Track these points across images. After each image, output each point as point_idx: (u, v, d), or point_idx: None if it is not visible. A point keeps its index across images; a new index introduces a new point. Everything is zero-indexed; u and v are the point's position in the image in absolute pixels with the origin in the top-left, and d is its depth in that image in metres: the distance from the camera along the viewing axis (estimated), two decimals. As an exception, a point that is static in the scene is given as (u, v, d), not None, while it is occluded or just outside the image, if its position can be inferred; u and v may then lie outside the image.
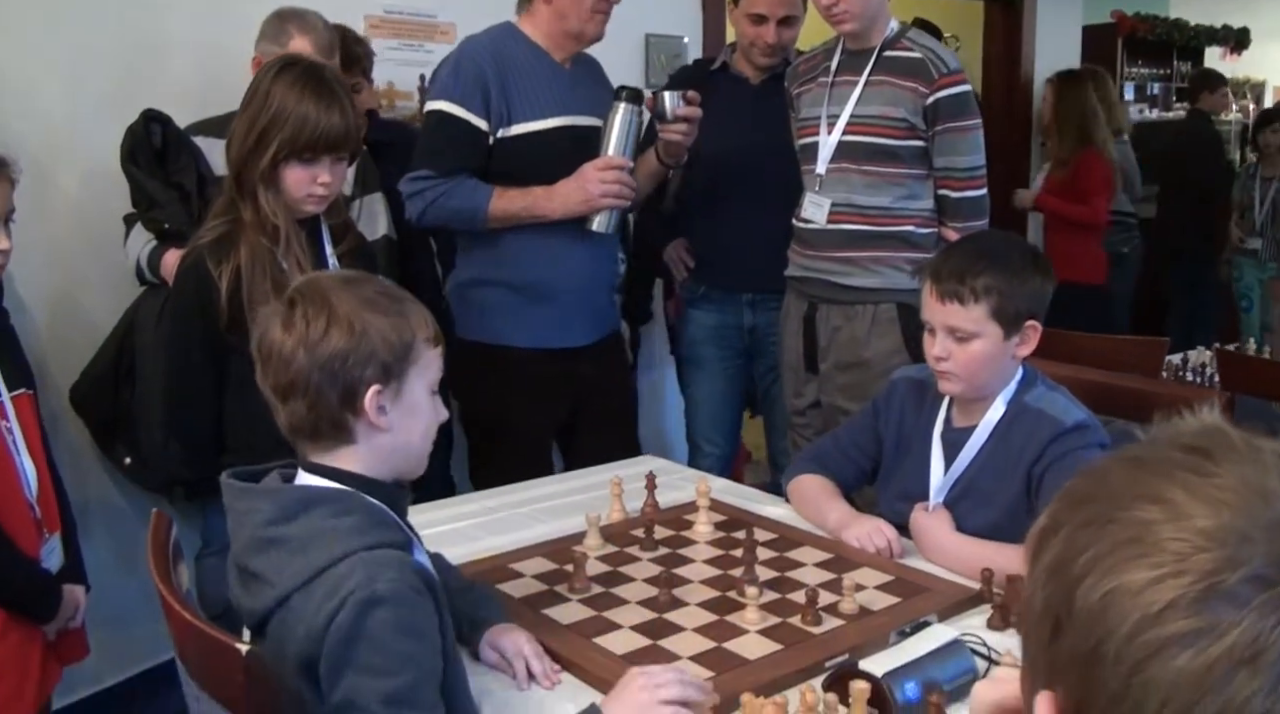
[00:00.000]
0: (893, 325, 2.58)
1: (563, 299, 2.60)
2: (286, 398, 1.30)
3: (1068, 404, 1.80)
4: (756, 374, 3.12)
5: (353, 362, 1.28)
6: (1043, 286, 1.81)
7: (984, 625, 1.57)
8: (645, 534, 1.85)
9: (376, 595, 1.18)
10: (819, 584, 1.67)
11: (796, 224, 2.67)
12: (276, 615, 1.24)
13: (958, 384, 1.82)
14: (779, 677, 1.43)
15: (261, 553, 1.26)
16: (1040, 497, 1.75)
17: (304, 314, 1.29)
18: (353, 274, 1.37)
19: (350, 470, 1.32)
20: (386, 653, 1.17)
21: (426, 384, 1.36)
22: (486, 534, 1.95)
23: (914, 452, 1.96)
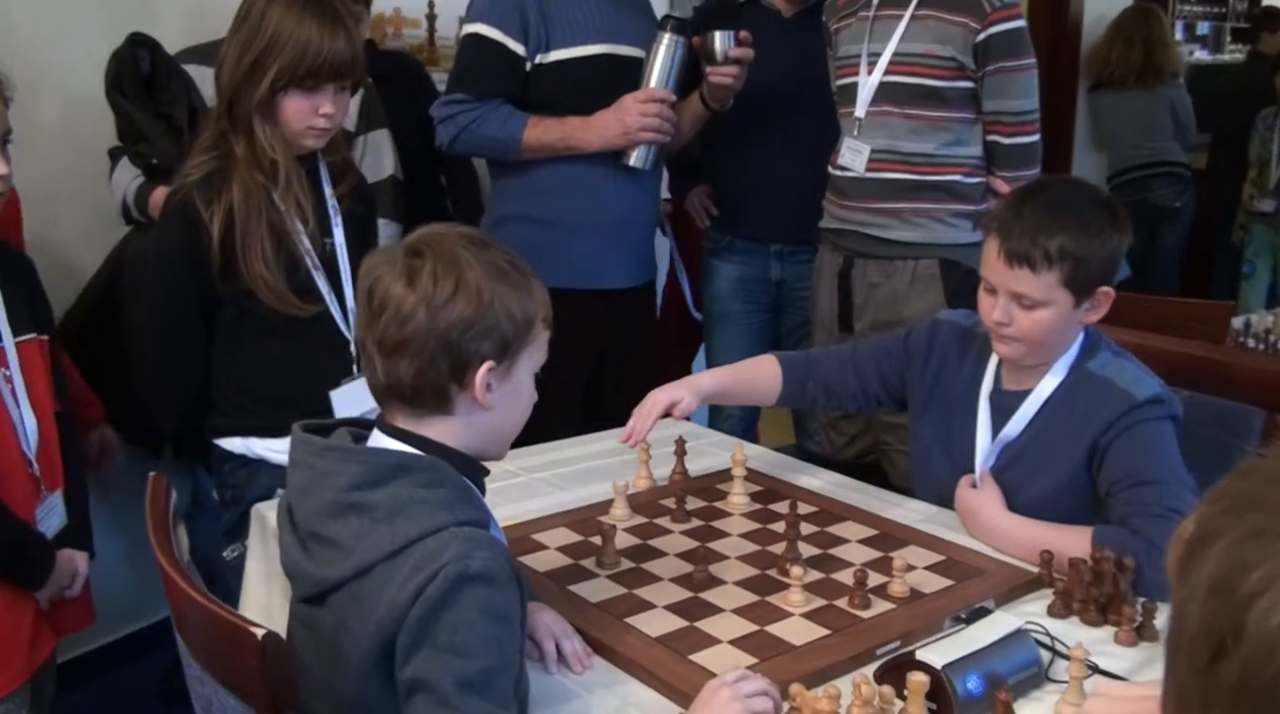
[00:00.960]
0: (934, 283, 2.53)
1: (598, 236, 2.59)
2: (392, 355, 1.26)
3: (1139, 373, 1.75)
4: (783, 330, 3.08)
5: (474, 333, 1.25)
6: (1119, 245, 1.74)
7: (1044, 613, 1.55)
8: (676, 505, 1.82)
9: (471, 571, 1.16)
10: (865, 563, 1.64)
11: (832, 172, 2.61)
12: (350, 586, 1.21)
13: (1017, 349, 1.77)
14: (827, 665, 1.40)
15: (340, 518, 1.23)
16: (1103, 468, 1.70)
17: (432, 271, 1.25)
18: (478, 234, 1.33)
19: (439, 441, 1.29)
20: (470, 633, 1.15)
21: (533, 366, 1.34)
22: (504, 500, 1.91)
23: (955, 411, 1.90)
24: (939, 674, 1.30)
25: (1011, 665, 1.36)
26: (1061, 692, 1.33)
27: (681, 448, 2.00)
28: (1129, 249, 1.79)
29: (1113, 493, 1.66)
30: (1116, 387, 1.73)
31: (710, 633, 1.47)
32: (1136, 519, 1.59)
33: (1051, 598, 1.56)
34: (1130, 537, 1.57)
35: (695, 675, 1.36)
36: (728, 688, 1.24)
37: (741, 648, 1.43)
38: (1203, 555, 0.60)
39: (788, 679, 1.32)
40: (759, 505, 1.88)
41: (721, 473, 2.01)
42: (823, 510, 1.85)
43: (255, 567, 1.90)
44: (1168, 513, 1.58)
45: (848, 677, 1.37)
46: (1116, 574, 1.50)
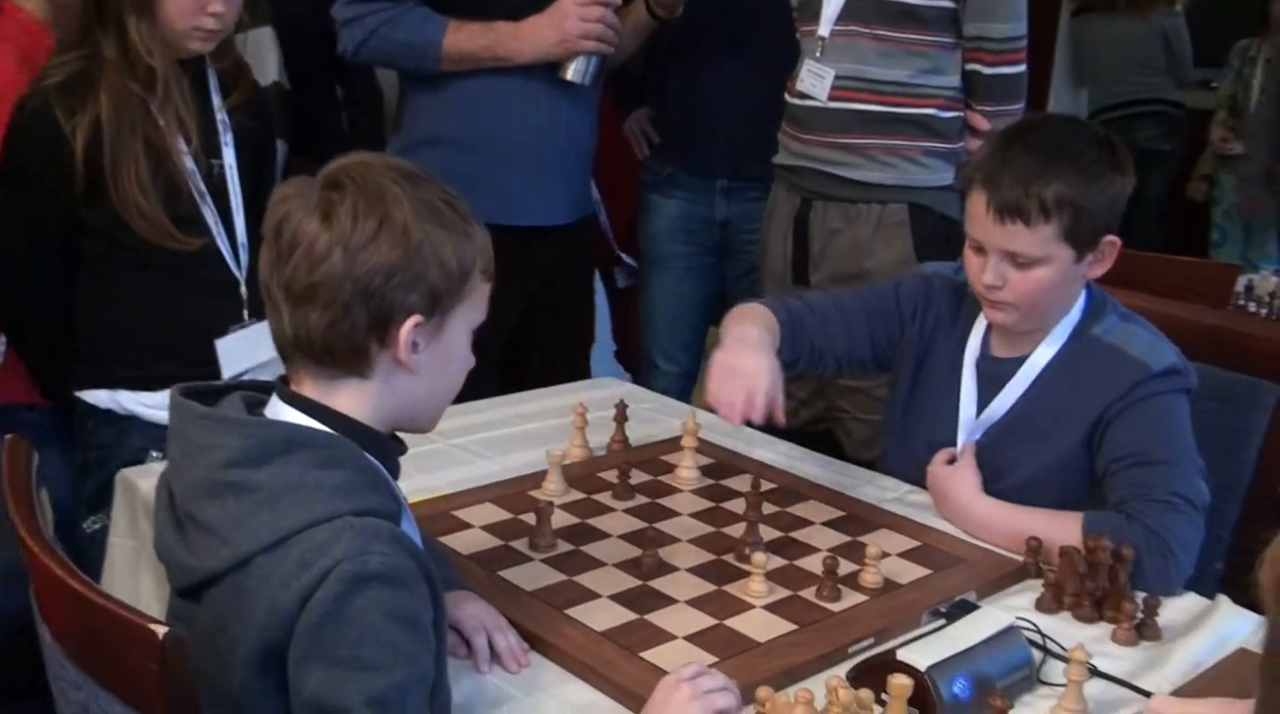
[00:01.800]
0: (902, 230, 2.54)
1: (527, 165, 2.55)
2: (300, 303, 1.21)
3: (1153, 340, 1.77)
4: (728, 278, 3.07)
5: (398, 281, 1.21)
6: (1122, 189, 1.75)
7: (1032, 607, 1.57)
8: (619, 479, 1.81)
9: (368, 571, 1.12)
10: (833, 549, 1.65)
11: (790, 100, 2.59)
12: (228, 580, 1.17)
13: (1012, 314, 1.78)
14: (795, 665, 1.41)
15: (216, 499, 1.19)
16: (1105, 442, 1.72)
17: (352, 207, 1.20)
18: (410, 167, 1.28)
19: (346, 413, 1.25)
20: (376, 643, 1.12)
21: (468, 325, 1.31)
22: (418, 470, 1.88)
23: (938, 379, 1.91)
24: (922, 677, 1.32)
25: (1001, 667, 1.38)
26: (1056, 696, 1.35)
27: (622, 413, 1.99)
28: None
29: (1112, 471, 1.69)
30: (1129, 356, 1.75)
31: (662, 627, 1.46)
32: (1136, 503, 1.62)
33: (1040, 590, 1.59)
34: (1126, 523, 1.60)
35: (647, 675, 1.36)
36: (686, 685, 1.24)
37: (699, 644, 1.43)
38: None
39: (752, 680, 1.32)
40: (710, 480, 1.88)
41: (666, 442, 2.00)
42: (782, 488, 1.86)
43: (121, 542, 1.85)
44: (1172, 499, 1.61)
45: (817, 677, 1.39)
46: (1114, 565, 1.53)
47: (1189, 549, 1.60)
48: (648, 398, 2.30)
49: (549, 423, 2.10)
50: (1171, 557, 1.58)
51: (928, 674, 1.32)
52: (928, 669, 1.32)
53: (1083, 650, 1.32)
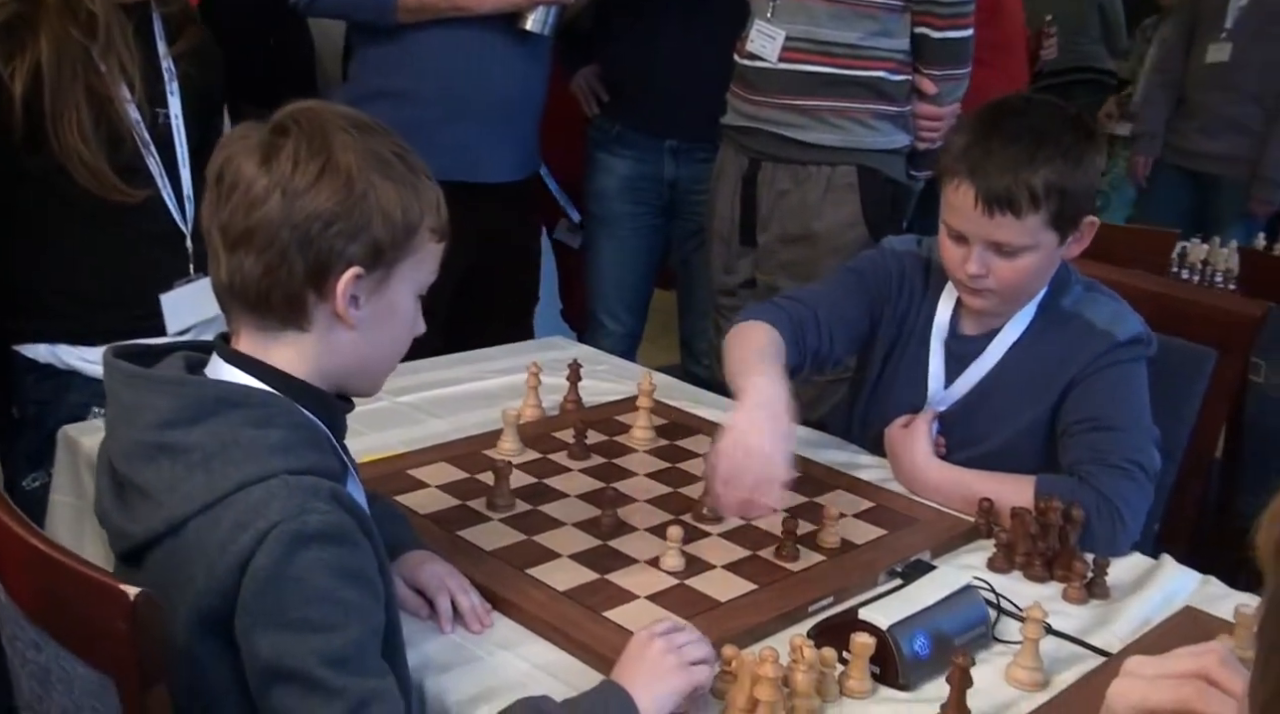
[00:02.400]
0: (850, 193, 2.55)
1: (479, 119, 2.53)
2: (235, 247, 1.19)
3: (1118, 308, 1.79)
4: (675, 238, 3.07)
5: (338, 230, 1.18)
6: (1099, 166, 1.78)
7: (984, 566, 1.60)
8: (575, 439, 1.81)
9: (308, 530, 1.10)
10: (790, 509, 1.67)
11: (740, 61, 2.59)
12: (164, 546, 1.15)
13: (992, 300, 1.78)
14: (757, 623, 1.42)
15: (151, 462, 1.17)
16: (1065, 406, 1.75)
17: (295, 151, 1.17)
18: (363, 118, 1.25)
19: (285, 370, 1.23)
20: (324, 603, 1.11)
21: (415, 285, 1.28)
22: (370, 429, 1.87)
23: (907, 353, 1.91)
24: (884, 635, 1.34)
25: (959, 625, 1.40)
26: (1011, 653, 1.38)
27: (576, 373, 1.99)
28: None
29: (1070, 433, 1.72)
30: (1094, 326, 1.77)
31: (625, 587, 1.47)
32: (1090, 466, 1.65)
33: (992, 551, 1.62)
34: (1079, 485, 1.64)
35: (611, 635, 1.36)
36: (660, 639, 1.25)
37: (661, 604, 1.44)
38: None
39: (717, 639, 1.33)
40: (665, 441, 1.89)
41: (620, 402, 2.00)
42: (737, 448, 1.86)
43: (62, 500, 1.82)
44: (1125, 465, 1.64)
45: (779, 636, 1.40)
46: (1064, 526, 1.57)
47: (1137, 516, 1.64)
48: (601, 358, 2.30)
49: (500, 381, 2.09)
50: (1120, 522, 1.62)
51: (889, 633, 1.34)
52: (889, 628, 1.34)
53: (1040, 609, 1.35)
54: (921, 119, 2.60)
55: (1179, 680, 0.80)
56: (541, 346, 2.33)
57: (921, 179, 2.70)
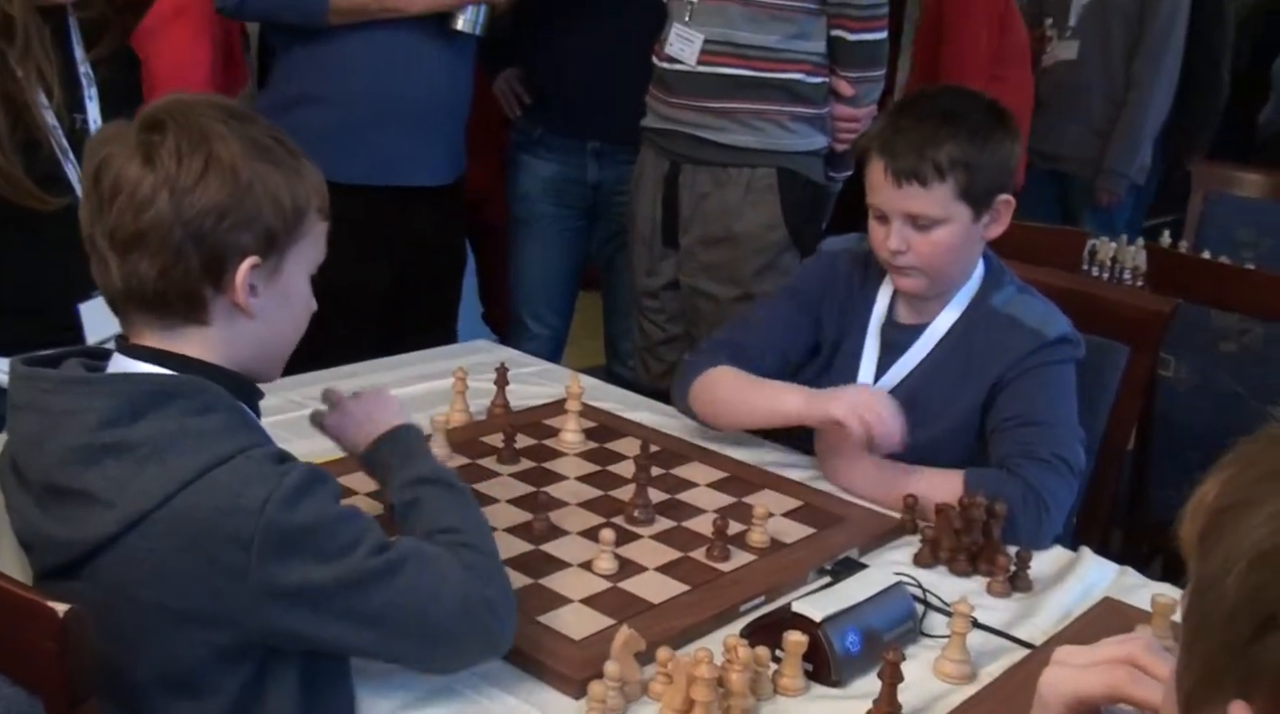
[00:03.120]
0: (770, 194, 2.58)
1: (405, 122, 2.51)
2: (128, 251, 1.18)
3: (1048, 310, 1.84)
4: (597, 240, 3.08)
5: (231, 222, 1.18)
6: (1011, 150, 1.83)
7: (909, 561, 1.63)
8: (504, 443, 1.81)
9: (295, 485, 1.15)
10: (719, 510, 1.68)
11: (659, 64, 2.60)
12: (118, 545, 1.14)
13: (920, 280, 1.82)
14: (690, 624, 1.44)
15: (94, 464, 1.15)
16: (995, 405, 1.79)
17: (175, 147, 1.16)
18: (234, 105, 1.25)
19: (199, 358, 1.22)
20: (345, 522, 1.19)
21: (307, 265, 1.29)
22: (295, 436, 1.81)
23: (845, 343, 1.95)
24: (816, 631, 1.36)
25: (887, 621, 1.43)
26: (939, 647, 1.41)
27: (503, 377, 1.98)
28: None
29: (999, 429, 1.76)
30: (1024, 324, 1.82)
31: (559, 591, 1.48)
32: (1018, 459, 1.69)
33: (918, 546, 1.64)
34: (1007, 478, 1.67)
35: (547, 640, 1.37)
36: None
37: (595, 607, 1.45)
38: (1238, 525, 0.64)
39: (651, 641, 1.34)
40: (594, 444, 1.89)
41: (548, 406, 2.00)
42: (665, 450, 1.87)
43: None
44: (1052, 459, 1.69)
45: (712, 636, 1.42)
46: (988, 521, 1.60)
47: (1061, 509, 1.68)
48: (527, 361, 2.30)
49: (426, 386, 2.08)
50: (1045, 513, 1.66)
51: (822, 630, 1.36)
52: (821, 622, 1.36)
53: (966, 604, 1.38)
54: (839, 121, 2.63)
55: (1109, 666, 0.83)
56: (466, 350, 2.32)
57: (840, 180, 2.74)
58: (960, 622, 1.37)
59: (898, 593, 1.46)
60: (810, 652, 1.35)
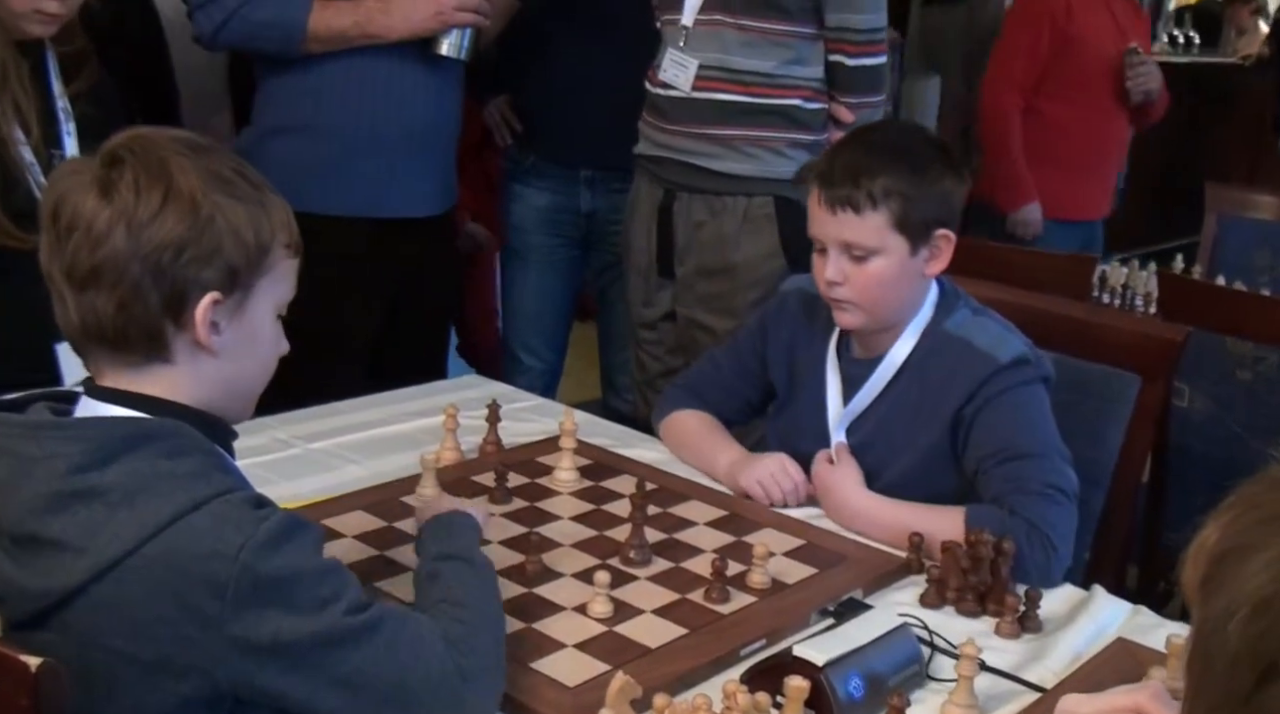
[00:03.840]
0: (769, 223, 2.59)
1: (393, 151, 2.53)
2: (84, 288, 1.19)
3: (1001, 331, 1.85)
4: (592, 270, 3.09)
5: (190, 257, 1.19)
6: (954, 189, 1.86)
7: (916, 602, 1.63)
8: (496, 482, 1.81)
9: (272, 533, 1.15)
10: (718, 549, 1.68)
11: (652, 90, 2.62)
12: (89, 594, 1.14)
13: (858, 315, 1.85)
14: (688, 669, 1.43)
15: (64, 511, 1.15)
16: (970, 442, 1.81)
17: (134, 181, 1.18)
18: (196, 138, 1.25)
19: (167, 398, 1.23)
20: (322, 576, 1.18)
21: (274, 303, 1.29)
22: (280, 477, 1.86)
23: (808, 383, 1.99)
24: (818, 676, 1.36)
25: (892, 664, 1.43)
26: (946, 691, 1.41)
27: (495, 414, 1.99)
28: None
29: (984, 469, 1.77)
30: (976, 348, 1.83)
31: (552, 636, 1.47)
32: (1014, 496, 1.70)
33: (924, 586, 1.64)
34: (1008, 517, 1.68)
35: (540, 686, 1.37)
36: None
37: (590, 652, 1.45)
38: (1239, 571, 0.65)
39: (648, 687, 1.34)
40: (590, 482, 1.90)
41: (541, 443, 2.01)
42: (663, 488, 1.88)
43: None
44: (1046, 490, 1.69)
45: (711, 681, 1.42)
46: (996, 559, 1.60)
47: (1067, 540, 1.69)
48: (519, 397, 2.30)
49: (417, 424, 2.09)
50: (1052, 549, 1.66)
51: (824, 675, 1.36)
52: (824, 667, 1.36)
53: (974, 645, 1.38)
54: (839, 148, 2.64)
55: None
56: (457, 386, 2.33)
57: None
58: (968, 664, 1.37)
59: (903, 635, 1.46)
60: (813, 697, 1.34)
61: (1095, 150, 3.82)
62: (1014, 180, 3.71)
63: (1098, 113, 3.74)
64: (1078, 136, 3.74)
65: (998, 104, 3.73)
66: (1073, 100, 3.70)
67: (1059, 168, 3.71)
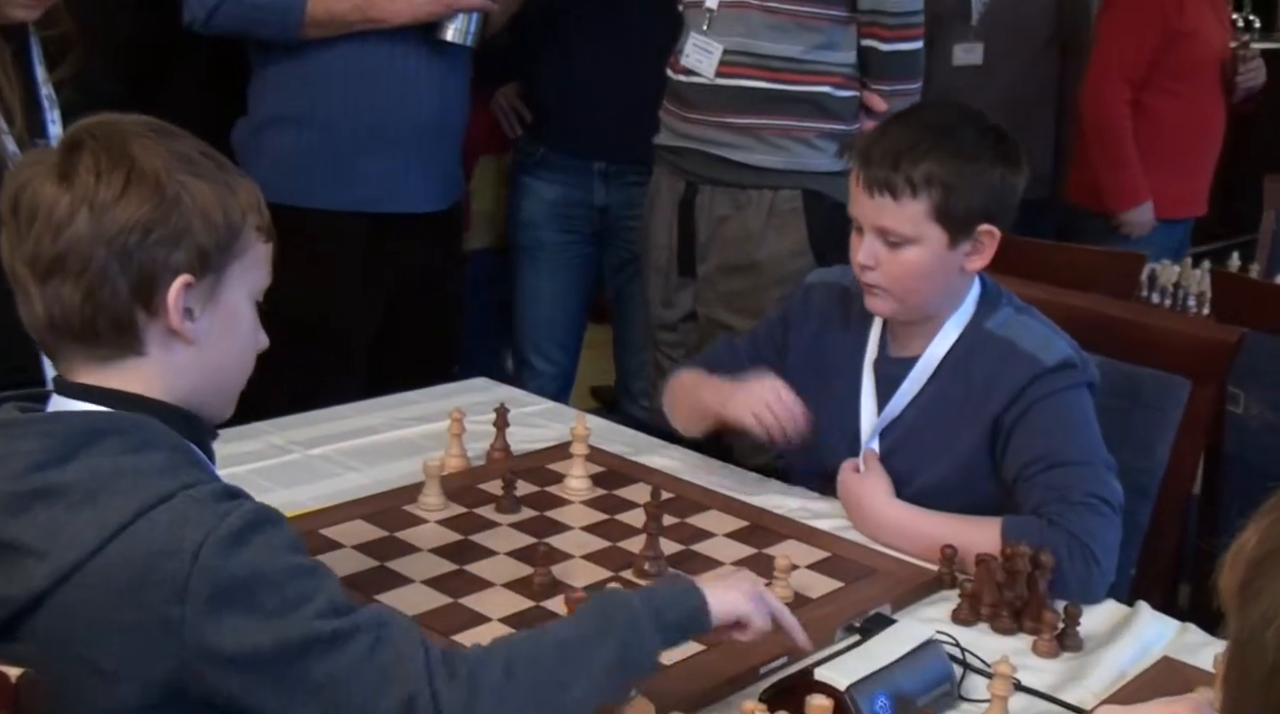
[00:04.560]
0: (796, 218, 2.59)
1: (395, 144, 2.53)
2: (48, 278, 1.18)
3: (1046, 333, 1.84)
4: (608, 268, 3.08)
5: (157, 238, 1.19)
6: (1006, 182, 1.83)
7: (948, 618, 1.62)
8: (504, 490, 1.81)
9: (238, 527, 1.13)
10: (738, 562, 1.68)
11: (674, 77, 2.62)
12: (53, 600, 1.13)
13: (887, 302, 1.84)
14: (705, 688, 1.43)
15: (23, 512, 1.15)
16: (1010, 449, 1.79)
17: (93, 164, 1.17)
18: (160, 123, 1.25)
19: (139, 393, 1.22)
20: (292, 576, 1.15)
21: (250, 289, 1.29)
22: (277, 485, 1.86)
23: (838, 384, 1.97)
24: (841, 697, 1.35)
25: (922, 684, 1.42)
26: (979, 712, 1.40)
27: (503, 418, 1.99)
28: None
29: (1024, 477, 1.75)
30: (1020, 350, 1.82)
31: (561, 652, 1.47)
32: (1055, 507, 1.68)
33: (956, 601, 1.63)
34: (1047, 528, 1.66)
35: (546, 705, 1.36)
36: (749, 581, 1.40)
37: (600, 670, 1.44)
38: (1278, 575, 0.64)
39: (663, 707, 1.34)
40: (602, 490, 1.90)
41: (552, 450, 2.01)
42: (680, 497, 1.88)
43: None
44: (1090, 500, 1.68)
45: (728, 701, 1.41)
46: (1033, 573, 1.59)
47: (1111, 553, 1.68)
48: (528, 401, 2.31)
49: (421, 429, 2.09)
50: (1095, 562, 1.65)
51: (848, 694, 1.35)
52: (848, 688, 1.35)
53: (1008, 664, 1.37)
54: (871, 138, 2.63)
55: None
56: (464, 389, 2.33)
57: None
58: (1001, 684, 1.36)
59: (933, 653, 1.45)
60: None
61: (1197, 145, 3.78)
62: (1128, 179, 3.65)
63: (1201, 107, 3.71)
64: (1182, 132, 3.70)
65: (1107, 99, 3.66)
66: (1178, 94, 3.66)
67: (1162, 165, 3.67)
